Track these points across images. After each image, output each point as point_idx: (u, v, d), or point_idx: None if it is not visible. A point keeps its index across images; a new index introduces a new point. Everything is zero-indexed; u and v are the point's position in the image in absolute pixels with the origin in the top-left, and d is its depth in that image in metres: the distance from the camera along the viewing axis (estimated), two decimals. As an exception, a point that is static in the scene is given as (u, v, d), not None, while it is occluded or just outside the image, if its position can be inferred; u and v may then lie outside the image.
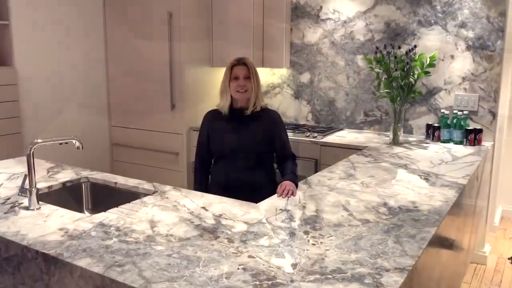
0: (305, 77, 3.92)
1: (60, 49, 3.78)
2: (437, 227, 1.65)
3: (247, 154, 2.21)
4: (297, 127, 3.75)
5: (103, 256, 1.41)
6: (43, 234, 1.58)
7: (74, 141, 1.87)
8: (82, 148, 1.89)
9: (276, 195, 2.01)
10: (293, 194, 2.00)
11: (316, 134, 3.39)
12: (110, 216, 1.76)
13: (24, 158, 2.74)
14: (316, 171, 3.30)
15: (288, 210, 1.82)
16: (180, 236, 1.56)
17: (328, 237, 1.56)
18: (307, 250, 1.45)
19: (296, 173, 2.19)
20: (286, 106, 4.05)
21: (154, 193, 2.08)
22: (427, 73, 3.03)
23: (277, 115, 2.31)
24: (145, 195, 2.09)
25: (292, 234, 1.58)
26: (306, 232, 1.59)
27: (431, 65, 3.00)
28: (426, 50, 3.29)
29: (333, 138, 3.38)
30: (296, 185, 2.10)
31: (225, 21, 3.87)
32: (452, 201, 1.95)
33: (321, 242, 1.51)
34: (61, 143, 1.83)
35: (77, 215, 1.78)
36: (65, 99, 3.87)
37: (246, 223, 1.68)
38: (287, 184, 2.04)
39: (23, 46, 3.50)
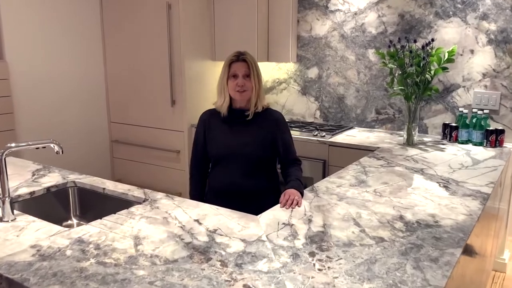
0: (312, 72, 3.70)
1: (56, 43, 3.59)
2: (462, 249, 1.44)
3: (247, 158, 2.00)
4: (304, 125, 3.54)
5: (75, 282, 1.21)
6: (12, 253, 1.39)
7: (52, 145, 1.67)
8: (62, 152, 1.69)
9: (279, 205, 1.81)
10: (297, 204, 1.79)
11: (324, 133, 3.17)
12: (91, 230, 1.57)
13: (13, 159, 2.57)
14: (324, 173, 3.10)
15: (292, 225, 1.62)
16: (166, 258, 1.36)
17: (337, 260, 1.35)
18: (312, 277, 1.24)
19: (301, 180, 1.98)
20: (293, 103, 3.84)
21: (144, 201, 1.88)
22: (445, 69, 2.80)
23: (280, 116, 2.09)
24: (135, 202, 1.90)
25: (295, 256, 1.38)
26: (312, 254, 1.39)
27: (450, 60, 2.76)
28: (444, 44, 3.05)
29: (342, 137, 3.17)
30: (302, 194, 1.89)
31: (227, 12, 3.65)
32: (477, 214, 1.74)
33: (328, 267, 1.30)
34: (37, 148, 1.63)
35: (55, 228, 1.59)
36: (61, 94, 3.69)
37: (243, 240, 1.48)
38: (291, 192, 1.84)
39: (15, 39, 3.32)
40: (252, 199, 1.99)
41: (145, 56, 3.74)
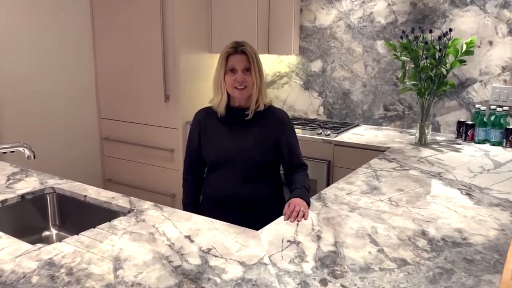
0: (316, 66, 3.47)
1: (42, 35, 3.34)
2: (501, 274, 1.22)
3: (247, 164, 1.76)
4: (306, 123, 3.31)
5: (36, 323, 0.99)
6: (-33, 280, 1.17)
7: (21, 149, 1.44)
8: (34, 157, 1.46)
9: (282, 217, 1.59)
10: (304, 216, 1.57)
11: (329, 132, 2.94)
12: (65, 249, 1.34)
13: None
14: (328, 174, 2.88)
15: (299, 243, 1.39)
16: (150, 287, 1.14)
17: (353, 290, 1.13)
18: (326, 316, 1.02)
19: (308, 188, 1.76)
20: (295, 98, 3.61)
21: (129, 211, 1.66)
22: (462, 62, 2.57)
23: (284, 115, 1.85)
24: (120, 213, 1.68)
25: (304, 284, 1.15)
26: (324, 282, 1.16)
27: (468, 52, 2.53)
28: (460, 34, 2.82)
29: (348, 136, 2.94)
30: (308, 203, 1.67)
31: (225, 0, 3.41)
32: (511, 229, 1.51)
33: (345, 301, 1.08)
34: (5, 152, 1.41)
35: (23, 246, 1.36)
36: (47, 89, 3.45)
37: (242, 264, 1.26)
38: (296, 203, 1.61)
39: (-5, 29, 3.07)
40: (253, 209, 1.77)
41: (137, 48, 3.50)
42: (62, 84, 3.54)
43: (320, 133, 2.95)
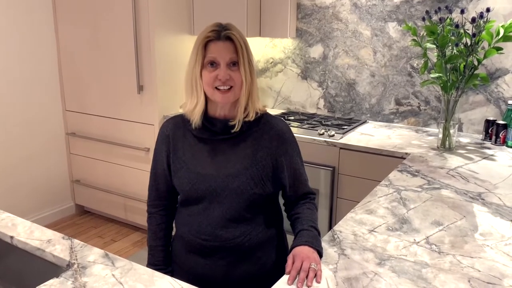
0: (316, 51, 2.97)
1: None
2: None
3: (234, 197, 1.24)
4: (304, 118, 2.84)
5: None
6: None
7: None
8: None
9: (285, 278, 1.11)
10: (315, 277, 1.10)
11: (333, 132, 2.47)
12: None
13: None
14: (333, 184, 2.42)
15: (312, 333, 0.93)
16: None
17: None
18: None
19: (318, 228, 1.28)
20: (291, 89, 3.12)
21: (68, 266, 1.18)
22: (499, 49, 2.09)
23: (284, 127, 1.33)
24: (55, 267, 1.20)
25: None
26: None
27: (508, 38, 2.06)
28: (491, 15, 2.33)
29: (356, 137, 2.47)
30: (320, 253, 1.19)
31: (210, -27, 2.88)
32: None
33: None
34: None
35: None
36: (3, 77, 2.91)
37: None
38: (304, 256, 1.14)
39: None
40: (244, 256, 1.28)
41: (105, 30, 2.96)
42: (19, 72, 3.01)
43: (323, 134, 2.48)
